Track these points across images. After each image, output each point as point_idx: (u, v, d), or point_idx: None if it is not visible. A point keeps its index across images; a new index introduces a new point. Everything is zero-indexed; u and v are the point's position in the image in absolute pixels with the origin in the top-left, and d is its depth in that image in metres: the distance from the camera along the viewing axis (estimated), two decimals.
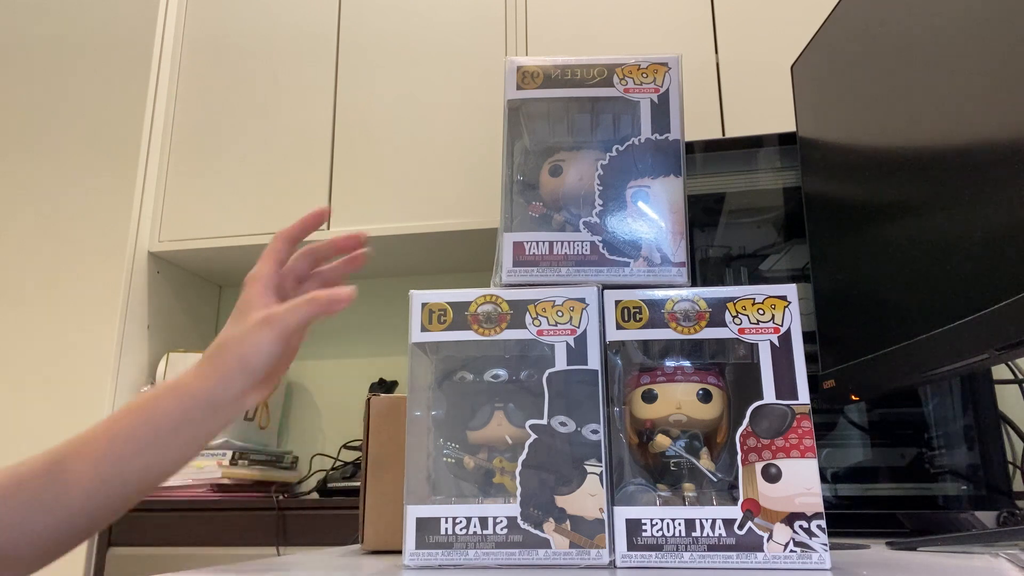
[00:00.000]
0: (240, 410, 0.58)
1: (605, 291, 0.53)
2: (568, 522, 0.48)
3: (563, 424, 0.50)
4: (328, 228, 1.81)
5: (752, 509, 0.47)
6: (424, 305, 0.54)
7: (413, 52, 1.89)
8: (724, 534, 0.47)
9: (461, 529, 0.49)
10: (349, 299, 0.56)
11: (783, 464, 0.47)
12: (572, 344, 0.51)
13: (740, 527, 0.47)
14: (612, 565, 0.48)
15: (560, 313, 0.52)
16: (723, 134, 1.64)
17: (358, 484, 1.57)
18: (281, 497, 1.53)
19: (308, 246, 0.64)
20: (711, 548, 0.47)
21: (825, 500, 0.68)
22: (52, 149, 1.92)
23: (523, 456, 0.50)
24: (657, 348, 0.54)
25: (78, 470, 0.54)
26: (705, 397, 0.52)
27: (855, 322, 0.79)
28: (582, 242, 0.56)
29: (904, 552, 0.61)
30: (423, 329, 0.53)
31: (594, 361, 0.51)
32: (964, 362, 0.59)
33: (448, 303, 0.53)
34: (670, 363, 0.53)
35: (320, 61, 1.94)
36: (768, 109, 1.61)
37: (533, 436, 0.50)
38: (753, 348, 0.50)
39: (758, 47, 1.68)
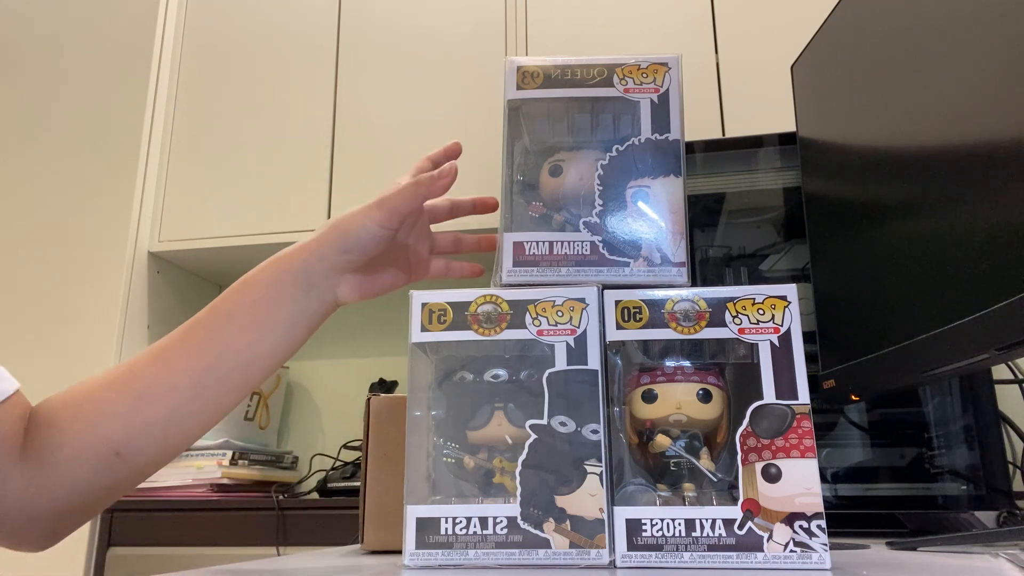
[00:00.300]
0: (331, 294, 0.57)
1: (605, 291, 0.53)
2: (568, 522, 0.48)
3: (563, 424, 0.50)
4: None
5: (752, 509, 0.47)
6: (424, 305, 0.54)
7: (413, 52, 1.89)
8: (724, 534, 0.47)
9: (461, 529, 0.49)
10: (451, 175, 0.57)
11: (783, 464, 0.47)
12: (572, 344, 0.51)
13: (740, 527, 0.47)
14: (612, 565, 0.48)
15: (560, 313, 0.52)
16: (723, 134, 1.64)
17: (358, 484, 1.57)
18: (281, 497, 1.53)
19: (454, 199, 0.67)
20: (711, 548, 0.47)
21: (825, 500, 0.68)
22: (52, 149, 1.92)
23: (523, 456, 0.50)
24: (657, 348, 0.54)
25: (185, 356, 0.53)
26: (705, 397, 0.52)
27: (855, 322, 0.79)
28: (582, 242, 0.56)
29: (904, 552, 0.61)
30: (423, 329, 0.53)
31: (594, 361, 0.51)
32: (964, 362, 0.59)
33: (448, 303, 0.53)
34: (670, 363, 0.53)
35: (320, 61, 1.94)
36: (768, 109, 1.61)
37: (533, 436, 0.50)
38: (753, 348, 0.50)
39: (758, 47, 1.68)
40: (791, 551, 0.46)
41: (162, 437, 0.52)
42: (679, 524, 0.48)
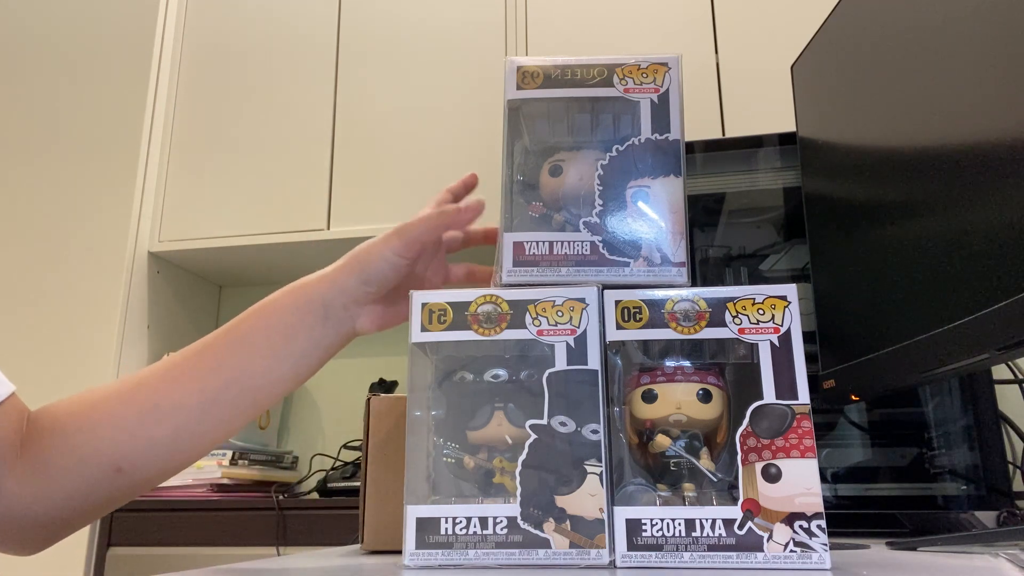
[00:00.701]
0: (349, 325, 0.57)
1: (605, 291, 0.53)
2: (568, 522, 0.48)
3: (563, 424, 0.50)
4: (328, 228, 1.81)
5: (752, 509, 0.47)
6: (424, 305, 0.54)
7: (413, 52, 1.89)
8: (724, 534, 0.47)
9: (461, 529, 0.49)
10: (477, 210, 0.57)
11: (783, 464, 0.47)
12: (572, 344, 0.51)
13: (740, 527, 0.47)
14: (612, 565, 0.48)
15: (560, 313, 0.52)
16: (723, 134, 1.64)
17: (358, 484, 1.57)
18: (281, 497, 1.53)
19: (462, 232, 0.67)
20: (711, 548, 0.47)
21: (825, 500, 0.68)
22: (52, 149, 1.92)
23: (523, 456, 0.50)
24: (657, 348, 0.54)
25: (197, 376, 0.52)
26: (705, 397, 0.52)
27: (855, 322, 0.79)
28: (582, 242, 0.56)
29: (904, 552, 0.61)
30: (423, 329, 0.53)
31: (594, 361, 0.51)
32: (964, 362, 0.59)
33: (448, 303, 0.53)
34: (670, 363, 0.53)
35: (320, 61, 1.94)
36: (768, 109, 1.61)
37: (533, 436, 0.50)
38: (753, 348, 0.50)
39: (758, 47, 1.68)
40: (791, 551, 0.46)
41: (166, 455, 0.52)
42: (679, 524, 0.48)
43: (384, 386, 1.89)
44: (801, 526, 0.46)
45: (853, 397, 0.80)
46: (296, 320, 0.55)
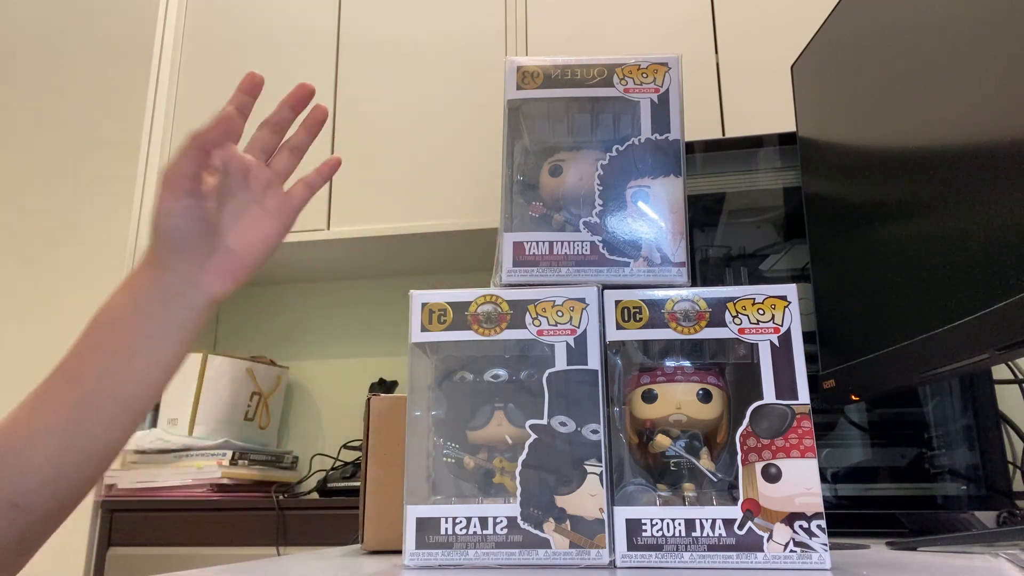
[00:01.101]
0: (198, 297, 0.52)
1: (605, 291, 0.53)
2: (568, 522, 0.48)
3: (563, 424, 0.50)
4: (328, 228, 1.81)
5: (752, 509, 0.47)
6: (424, 305, 0.54)
7: (413, 52, 1.89)
8: (724, 534, 0.47)
9: (461, 529, 0.49)
10: (228, 120, 0.50)
11: (783, 464, 0.47)
12: (572, 344, 0.51)
13: (740, 527, 0.47)
14: (612, 565, 0.48)
15: (560, 313, 0.52)
16: (723, 134, 1.64)
17: (358, 484, 1.57)
18: (281, 497, 1.53)
19: (265, 119, 0.59)
20: (711, 548, 0.47)
21: (825, 500, 0.68)
22: (52, 149, 1.92)
23: (523, 456, 0.50)
24: (657, 348, 0.54)
25: (57, 395, 0.50)
26: (705, 397, 0.52)
27: (855, 322, 0.79)
28: (582, 242, 0.56)
29: (904, 552, 0.61)
30: (423, 329, 0.53)
31: (594, 361, 0.51)
32: (964, 362, 0.59)
33: (448, 303, 0.53)
34: (670, 363, 0.53)
35: (320, 61, 1.94)
36: (768, 109, 1.61)
37: (533, 436, 0.50)
38: (753, 348, 0.50)
39: (758, 47, 1.68)
40: (791, 551, 0.46)
41: (54, 481, 0.49)
42: (679, 524, 0.48)
43: (384, 386, 1.89)
44: (801, 526, 0.46)
45: (853, 397, 0.80)
46: (138, 313, 0.51)
